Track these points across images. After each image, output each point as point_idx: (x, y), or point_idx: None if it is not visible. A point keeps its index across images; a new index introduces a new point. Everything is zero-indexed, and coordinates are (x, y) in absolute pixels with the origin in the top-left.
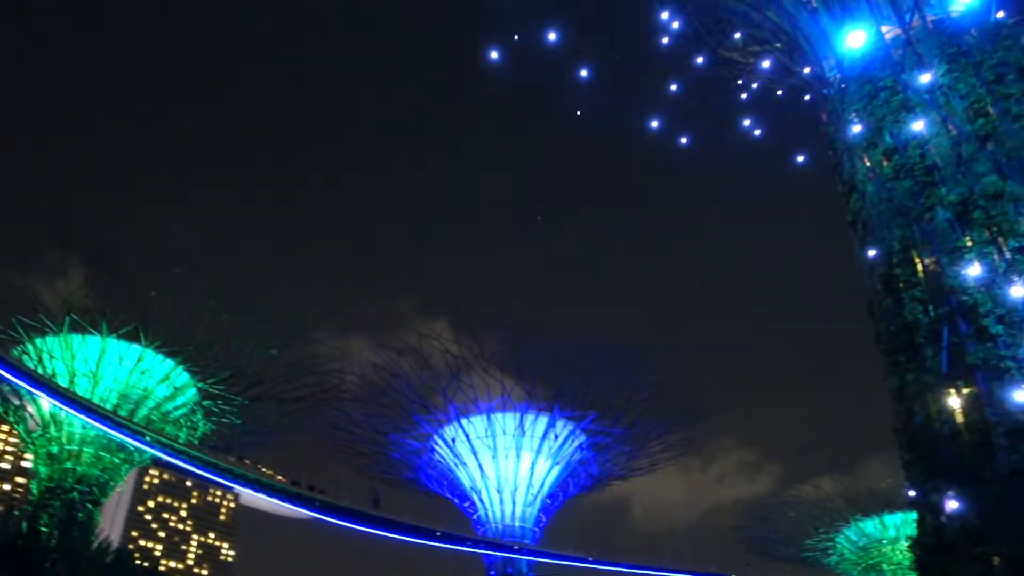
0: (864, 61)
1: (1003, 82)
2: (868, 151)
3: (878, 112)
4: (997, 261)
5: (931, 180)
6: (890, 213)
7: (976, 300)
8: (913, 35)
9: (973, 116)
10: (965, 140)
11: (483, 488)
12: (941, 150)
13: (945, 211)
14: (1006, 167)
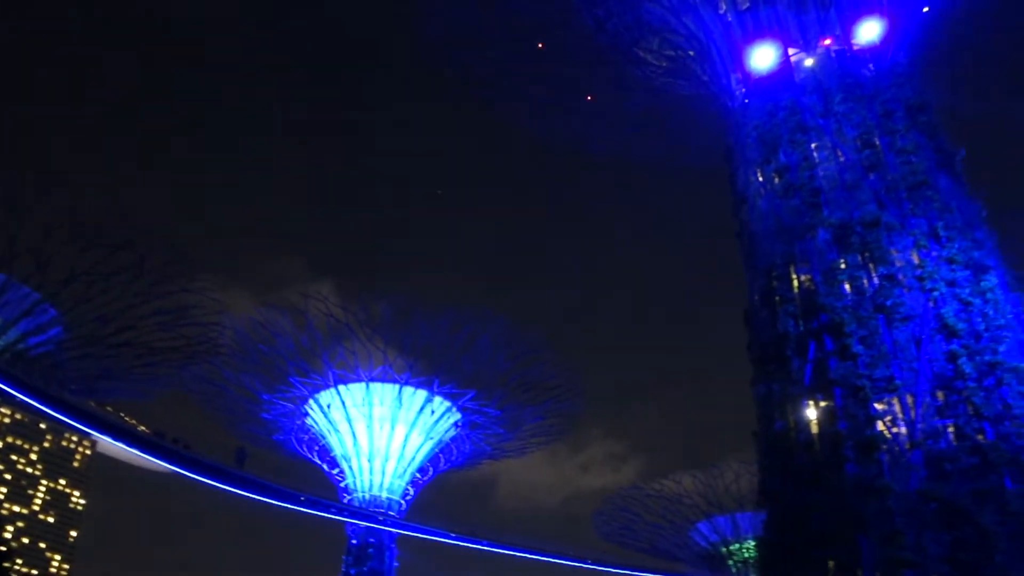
0: (768, 80)
1: (891, 117)
2: (762, 166)
3: (775, 131)
4: (866, 285)
5: (816, 201)
6: (775, 228)
7: (843, 320)
8: (816, 62)
9: (861, 146)
10: (851, 167)
11: (354, 456)
12: (828, 174)
13: (825, 232)
14: (884, 197)
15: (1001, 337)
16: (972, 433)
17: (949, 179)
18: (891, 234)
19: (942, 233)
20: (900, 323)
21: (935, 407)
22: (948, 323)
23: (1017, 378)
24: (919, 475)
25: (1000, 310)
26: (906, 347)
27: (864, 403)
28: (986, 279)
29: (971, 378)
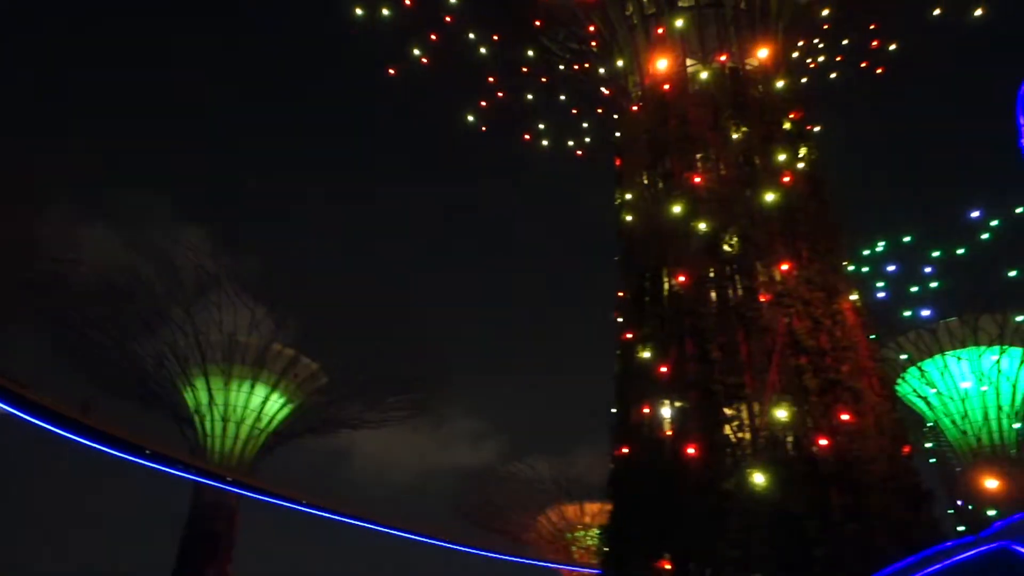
0: (664, 87)
1: (772, 139)
2: (648, 170)
3: (665, 137)
4: (731, 295)
5: (694, 211)
6: (653, 231)
7: (706, 326)
8: (710, 76)
9: (742, 162)
10: (730, 182)
11: (208, 414)
12: (709, 186)
13: (699, 241)
14: (757, 214)
15: (844, 358)
16: (808, 445)
17: (817, 204)
18: (758, 250)
19: (804, 254)
20: (756, 335)
21: (779, 417)
22: (799, 339)
23: (852, 397)
24: (757, 479)
25: (846, 332)
26: (759, 358)
27: (716, 407)
28: (838, 302)
29: (813, 393)
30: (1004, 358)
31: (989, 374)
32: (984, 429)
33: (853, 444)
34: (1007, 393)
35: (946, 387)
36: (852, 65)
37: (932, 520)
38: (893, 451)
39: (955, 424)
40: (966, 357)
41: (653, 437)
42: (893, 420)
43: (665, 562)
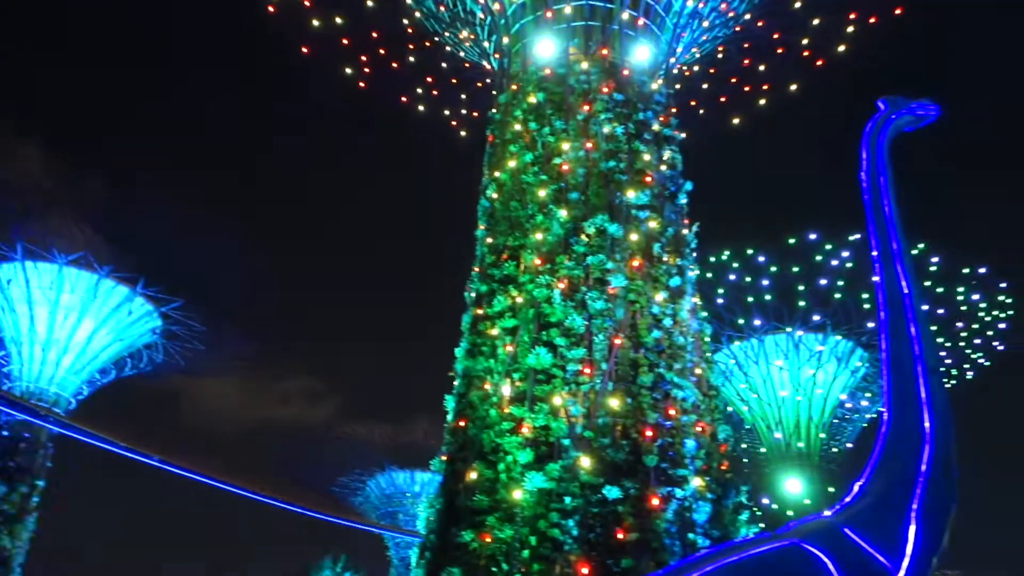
0: (544, 71)
1: (639, 138)
2: (518, 152)
3: (539, 121)
4: (581, 284)
5: (558, 197)
6: (513, 212)
7: (552, 312)
8: (590, 67)
9: (607, 157)
10: (595, 175)
11: (27, 342)
12: (573, 175)
13: (558, 228)
14: (616, 209)
15: (678, 357)
16: (635, 436)
17: (673, 207)
18: (612, 244)
19: (655, 253)
20: (601, 325)
21: (611, 406)
22: (640, 334)
23: (681, 395)
24: (584, 464)
25: (683, 333)
26: (601, 348)
27: (551, 393)
28: (680, 303)
29: (645, 387)
30: (820, 373)
31: (805, 386)
32: (795, 436)
33: (676, 439)
34: (818, 406)
35: (766, 394)
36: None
37: (737, 517)
38: (712, 449)
39: (770, 429)
40: (787, 368)
41: (490, 414)
42: (715, 420)
43: (486, 535)
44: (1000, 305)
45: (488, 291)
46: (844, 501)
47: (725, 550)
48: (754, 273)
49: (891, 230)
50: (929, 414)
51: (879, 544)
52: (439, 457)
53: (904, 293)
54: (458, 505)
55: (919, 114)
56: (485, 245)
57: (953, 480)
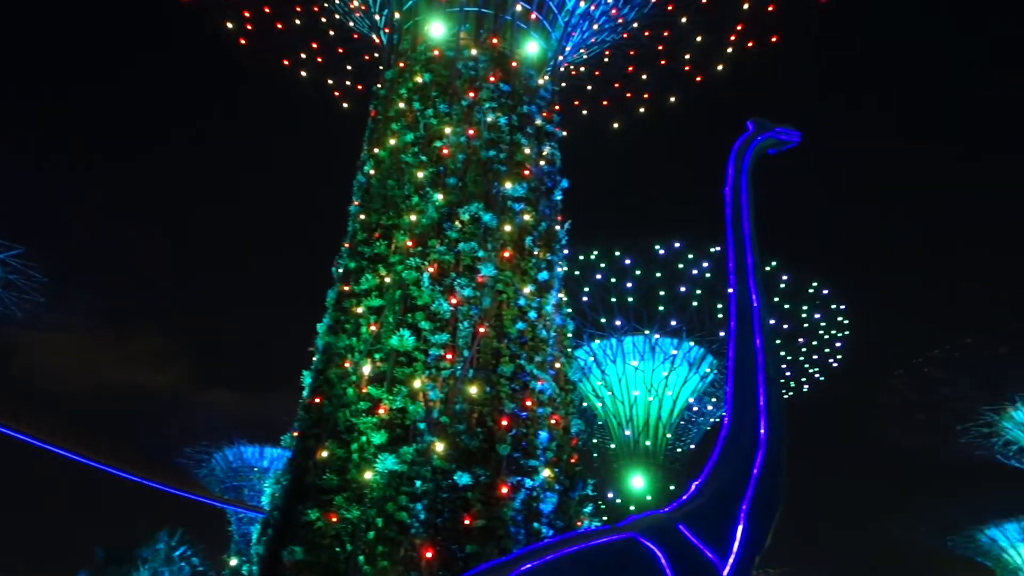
0: (434, 53)
1: (521, 130)
2: (399, 131)
3: (423, 103)
4: (449, 271)
5: (435, 182)
6: (389, 190)
7: (415, 295)
8: (479, 54)
9: (488, 146)
10: (475, 163)
11: None
12: (453, 161)
13: (432, 212)
14: (491, 199)
15: (539, 349)
16: (491, 424)
17: (548, 202)
18: (486, 233)
19: (527, 246)
20: (467, 313)
21: (470, 393)
22: (504, 325)
23: (539, 387)
24: (438, 448)
25: (547, 327)
26: (466, 335)
27: (411, 376)
28: (546, 298)
29: (504, 377)
30: (672, 375)
31: (658, 387)
32: (643, 434)
33: (530, 430)
34: (668, 407)
35: (620, 392)
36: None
37: (581, 509)
38: (563, 442)
39: (621, 426)
40: (642, 369)
41: (347, 393)
42: (569, 414)
43: (332, 515)
44: (838, 325)
45: (356, 268)
46: (681, 499)
47: (566, 540)
48: (619, 275)
49: (747, 245)
50: (765, 421)
51: (709, 541)
52: (291, 433)
53: (753, 306)
54: (306, 483)
55: (782, 139)
56: (358, 221)
57: (782, 484)
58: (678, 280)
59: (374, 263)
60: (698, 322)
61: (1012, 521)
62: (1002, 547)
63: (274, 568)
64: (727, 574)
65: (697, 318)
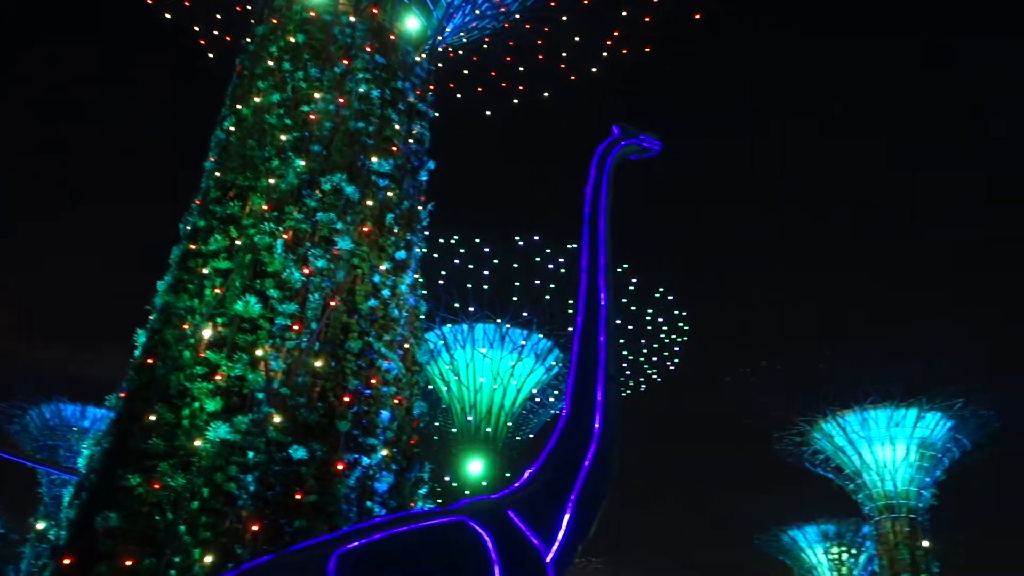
0: (311, 12)
1: (393, 106)
2: (267, 90)
3: (295, 64)
4: (304, 239)
5: (299, 147)
6: (249, 151)
7: (268, 261)
8: (357, 20)
9: (359, 117)
10: (344, 133)
11: None
12: (320, 129)
13: (292, 178)
14: (357, 171)
15: (390, 328)
16: (333, 400)
17: (413, 181)
18: (346, 205)
19: (387, 223)
20: (319, 284)
21: (314, 366)
22: (356, 300)
23: (386, 367)
24: (275, 420)
25: (400, 307)
26: (315, 307)
27: (254, 344)
28: (402, 277)
29: (351, 353)
30: (519, 366)
31: (504, 376)
32: (485, 421)
33: (372, 409)
34: (511, 396)
35: (466, 378)
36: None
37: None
38: (405, 423)
39: (464, 411)
40: (490, 357)
41: (183, 355)
42: (414, 395)
43: (155, 482)
44: (678, 331)
45: (206, 227)
46: (513, 486)
47: (396, 519)
48: (477, 262)
49: (601, 245)
50: (600, 416)
51: (536, 527)
52: (117, 393)
53: (601, 304)
54: (129, 447)
55: (644, 146)
56: (212, 179)
57: (610, 477)
58: (534, 273)
59: (225, 224)
60: (548, 316)
61: (812, 524)
62: (801, 547)
63: (84, 534)
64: (550, 560)
65: (548, 312)
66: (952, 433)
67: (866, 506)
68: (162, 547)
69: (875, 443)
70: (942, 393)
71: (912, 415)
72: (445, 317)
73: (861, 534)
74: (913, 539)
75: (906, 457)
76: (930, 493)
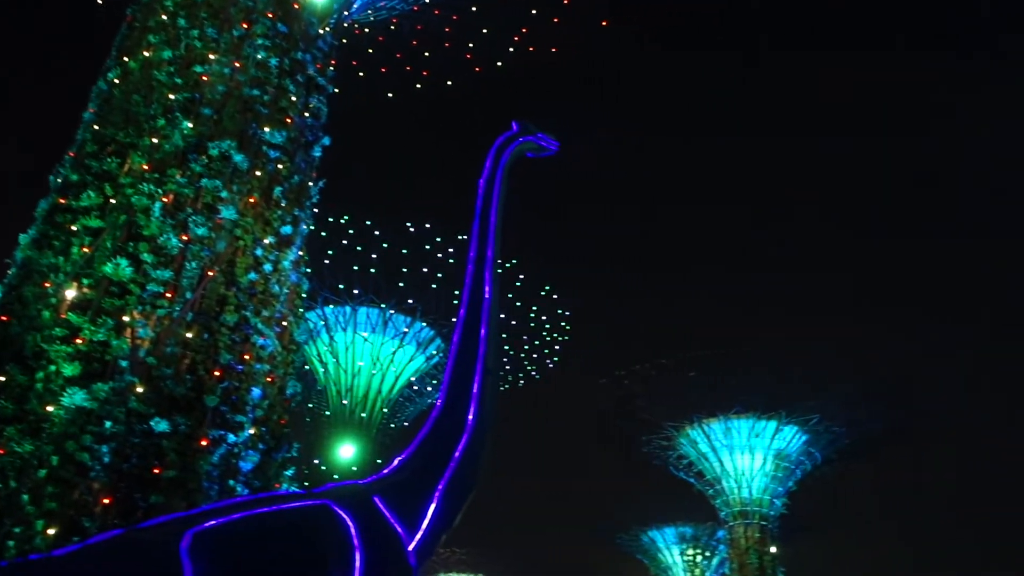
0: None
1: (292, 75)
2: (158, 45)
3: (188, 21)
4: (186, 203)
5: (191, 108)
6: (132, 107)
7: (145, 224)
8: None
9: (254, 84)
10: (238, 99)
11: None
12: (211, 91)
13: (180, 139)
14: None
15: (269, 303)
16: (202, 373)
17: (305, 156)
18: (234, 173)
19: (275, 196)
20: (197, 252)
21: (185, 337)
22: (236, 272)
23: (261, 343)
24: (138, 391)
25: (281, 283)
26: (191, 276)
27: (122, 309)
28: (286, 252)
29: (226, 326)
30: (399, 353)
31: (383, 362)
32: (361, 406)
33: (243, 385)
34: (389, 382)
35: (345, 361)
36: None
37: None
38: (276, 402)
39: (340, 394)
40: (372, 341)
41: (42, 315)
42: (288, 374)
43: (0, 448)
44: (560, 330)
45: (79, 182)
46: (382, 472)
47: (258, 500)
48: (366, 244)
49: (490, 238)
50: (475, 408)
51: (401, 515)
52: None
53: (485, 297)
54: None
55: (541, 144)
56: (90, 131)
57: (479, 470)
58: (423, 260)
59: (100, 180)
60: (434, 305)
61: (671, 526)
62: (659, 547)
63: None
64: (413, 548)
65: (433, 300)
66: (806, 447)
67: (722, 511)
68: (1, 516)
69: (735, 452)
70: (800, 408)
71: (771, 427)
72: (328, 297)
73: (716, 538)
74: (762, 544)
75: (763, 467)
76: (781, 502)
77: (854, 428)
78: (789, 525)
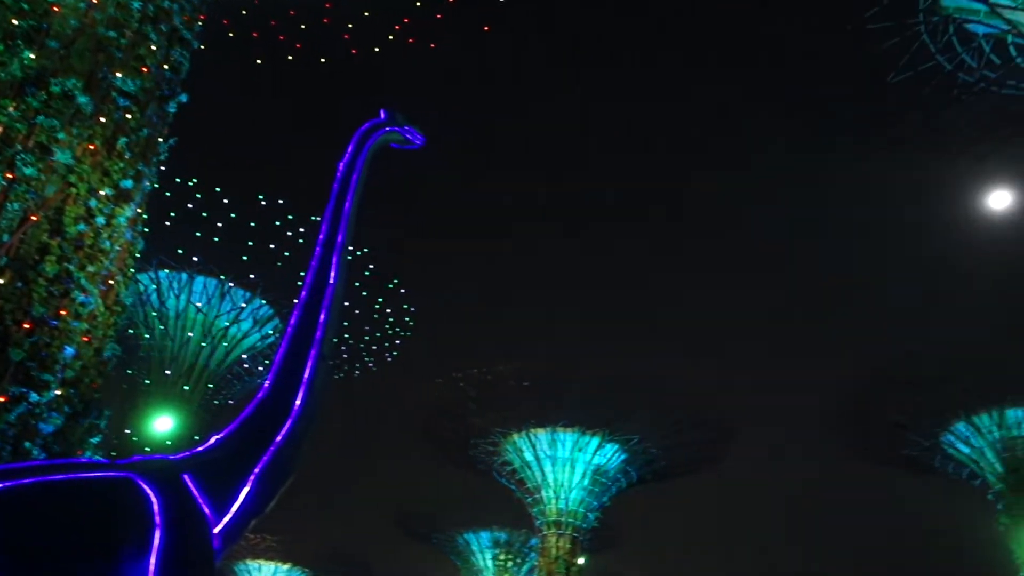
0: None
1: (154, 22)
2: None
3: None
4: (18, 141)
5: (29, 35)
6: None
7: None
8: None
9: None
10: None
11: None
12: (65, 19)
13: (16, 65)
14: (96, 82)
15: (96, 259)
16: (10, 324)
17: (158, 110)
18: (75, 115)
19: (119, 147)
20: (21, 194)
21: None
22: (64, 221)
23: (76, 298)
24: None
25: (113, 240)
26: (12, 218)
27: None
28: (123, 208)
29: (44, 277)
30: (234, 328)
31: (216, 335)
32: (185, 379)
33: (56, 342)
34: (219, 356)
35: (173, 329)
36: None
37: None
38: (90, 364)
39: (162, 364)
40: (205, 312)
41: None
42: (108, 336)
43: None
44: (404, 325)
45: None
46: (196, 449)
47: (54, 466)
48: (212, 211)
49: (343, 224)
50: (304, 394)
51: (211, 496)
52: None
53: (330, 282)
54: None
55: (407, 137)
56: None
57: (299, 457)
58: (271, 237)
59: None
60: (276, 283)
61: (487, 530)
62: (473, 551)
63: None
64: (219, 531)
65: (276, 279)
66: (624, 465)
67: (538, 520)
68: None
69: (558, 463)
70: (622, 428)
71: (595, 442)
72: (164, 261)
73: (528, 545)
74: (572, 555)
75: (582, 480)
76: (594, 516)
77: (669, 452)
78: (599, 538)
